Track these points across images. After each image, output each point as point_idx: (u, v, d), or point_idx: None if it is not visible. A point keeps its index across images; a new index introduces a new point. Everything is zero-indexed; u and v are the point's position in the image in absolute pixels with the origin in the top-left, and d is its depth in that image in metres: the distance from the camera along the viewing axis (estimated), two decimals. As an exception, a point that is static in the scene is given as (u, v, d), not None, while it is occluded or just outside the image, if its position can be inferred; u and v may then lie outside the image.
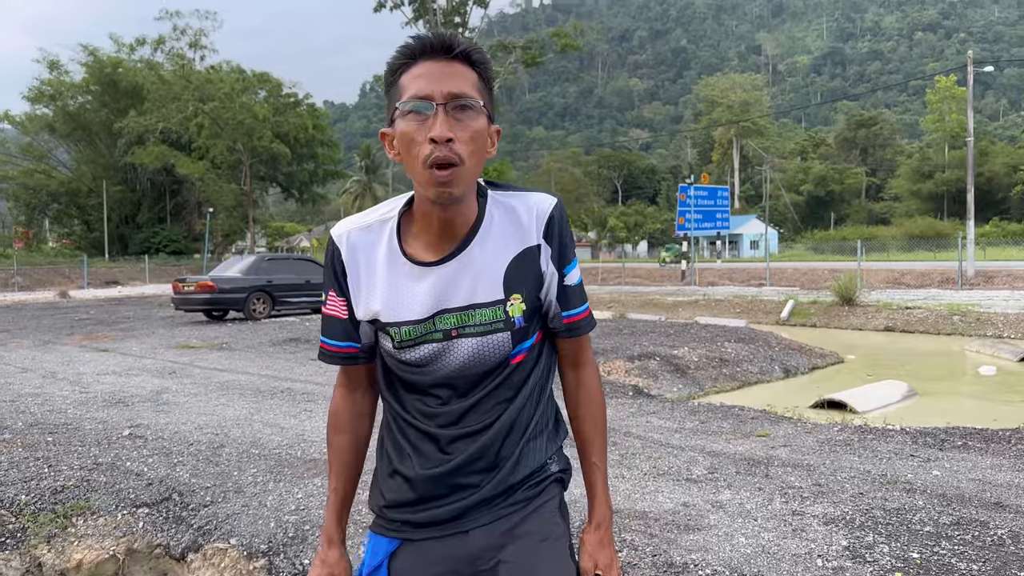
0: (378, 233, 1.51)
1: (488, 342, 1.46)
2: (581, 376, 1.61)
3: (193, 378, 9.53)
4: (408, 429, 1.53)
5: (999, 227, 62.46)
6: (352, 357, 1.58)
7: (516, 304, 1.47)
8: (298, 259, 21.17)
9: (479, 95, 1.40)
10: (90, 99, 57.07)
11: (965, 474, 4.88)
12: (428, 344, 1.47)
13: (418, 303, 1.46)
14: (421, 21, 40.45)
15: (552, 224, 1.48)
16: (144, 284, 39.13)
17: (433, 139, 1.34)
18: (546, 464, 1.56)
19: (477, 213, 1.47)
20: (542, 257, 1.48)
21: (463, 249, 1.45)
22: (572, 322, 1.55)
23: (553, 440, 1.59)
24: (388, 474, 1.58)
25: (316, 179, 62.02)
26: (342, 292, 1.53)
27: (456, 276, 1.45)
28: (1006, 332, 14.73)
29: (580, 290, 1.56)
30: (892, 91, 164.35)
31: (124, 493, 4.75)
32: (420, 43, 1.39)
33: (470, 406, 1.49)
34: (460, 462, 1.48)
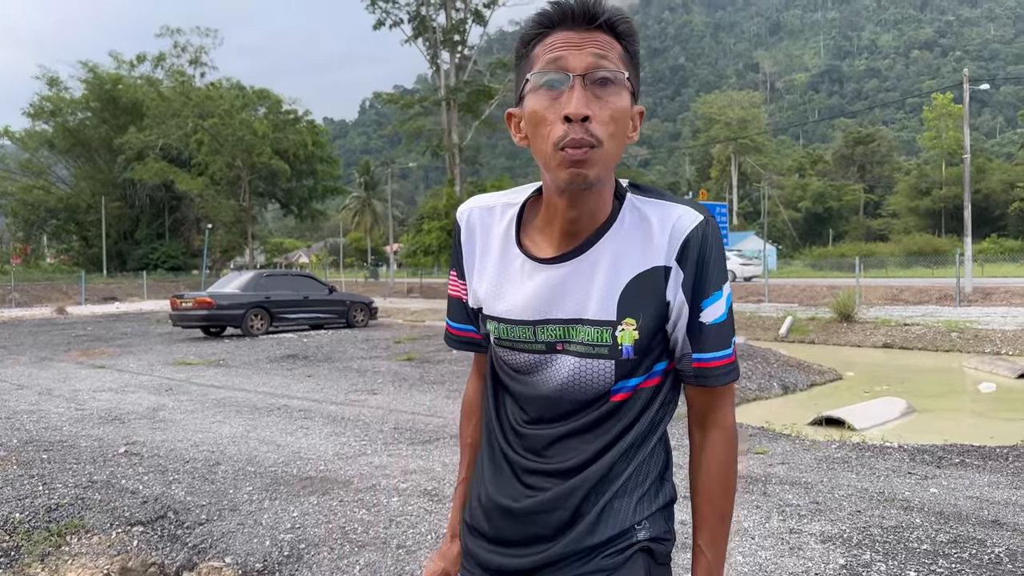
0: (500, 216, 1.37)
1: (586, 367, 1.26)
2: (707, 440, 1.32)
3: (190, 395, 9.51)
4: (494, 441, 1.38)
5: (997, 244, 62.54)
6: (474, 343, 1.46)
7: (628, 331, 1.24)
8: (296, 275, 21.19)
9: (624, 67, 1.21)
10: (90, 115, 57.27)
11: (962, 492, 4.87)
12: (529, 353, 1.30)
13: (521, 301, 1.30)
14: (421, 39, 40.68)
15: (689, 246, 1.23)
16: (142, 300, 39.09)
17: (567, 117, 1.16)
18: (632, 529, 1.29)
19: (608, 215, 1.27)
20: (670, 282, 1.24)
21: (583, 251, 1.26)
22: (701, 368, 1.28)
23: (649, 502, 1.31)
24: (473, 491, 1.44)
25: (315, 195, 62.17)
26: (460, 272, 1.42)
27: (568, 281, 1.26)
28: (1004, 349, 14.72)
29: (721, 331, 1.28)
30: (889, 108, 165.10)
31: (119, 511, 4.73)
32: (559, 9, 1.21)
33: (557, 437, 1.30)
34: (536, 504, 1.29)
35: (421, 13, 40.30)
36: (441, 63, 40.79)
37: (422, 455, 6.07)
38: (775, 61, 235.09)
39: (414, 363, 12.37)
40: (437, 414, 8.05)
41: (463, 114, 40.22)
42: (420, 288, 42.64)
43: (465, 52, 41.27)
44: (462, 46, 40.82)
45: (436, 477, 5.35)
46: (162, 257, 56.35)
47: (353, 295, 21.59)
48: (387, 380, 10.64)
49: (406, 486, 5.12)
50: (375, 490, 5.03)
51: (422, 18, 40.24)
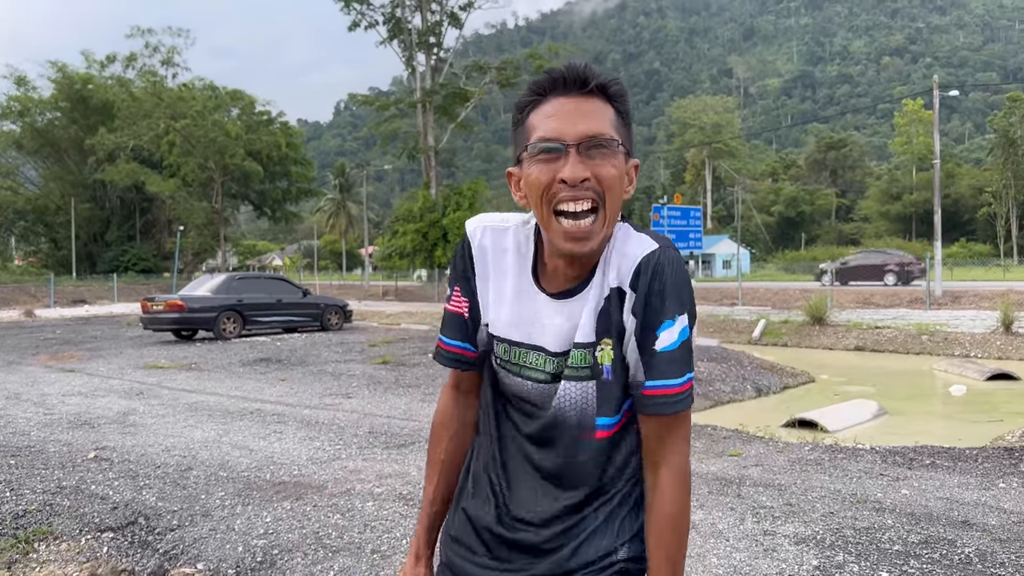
0: (514, 239, 1.40)
1: (571, 389, 1.32)
2: (658, 482, 1.32)
3: (161, 399, 9.39)
4: (485, 460, 1.44)
5: (966, 248, 63.54)
6: (467, 362, 1.47)
7: (606, 350, 1.30)
8: (270, 278, 21.01)
9: (617, 132, 1.27)
10: (59, 115, 56.40)
11: (933, 493, 4.93)
12: (534, 382, 1.36)
13: (538, 331, 1.35)
14: (396, 41, 40.53)
15: (641, 271, 1.27)
16: (112, 303, 38.56)
17: (564, 180, 1.23)
18: (614, 550, 1.34)
19: (604, 252, 1.33)
20: (625, 305, 1.29)
21: (584, 287, 1.32)
22: (649, 395, 1.29)
23: (630, 525, 1.37)
24: (458, 506, 1.49)
25: (289, 197, 61.65)
26: (468, 290, 1.43)
27: (573, 312, 1.32)
28: (973, 351, 14.95)
29: (670, 360, 1.28)
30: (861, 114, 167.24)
31: (88, 517, 4.66)
32: (551, 78, 1.27)
33: (546, 464, 1.37)
34: (522, 537, 1.36)
35: (396, 15, 40.15)
36: (416, 65, 40.67)
37: (397, 459, 6.03)
38: (748, 66, 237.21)
39: (389, 366, 12.31)
40: (412, 418, 8.01)
41: (439, 117, 40.10)
42: (395, 291, 42.48)
43: (441, 54, 41.18)
44: (438, 48, 40.72)
45: (411, 481, 5.32)
46: (133, 259, 55.63)
47: (327, 298, 21.46)
48: (362, 384, 10.58)
49: (381, 490, 5.09)
50: (349, 495, 4.99)
51: (397, 20, 40.08)
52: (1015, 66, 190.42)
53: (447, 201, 37.41)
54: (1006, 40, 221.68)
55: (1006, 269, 47.68)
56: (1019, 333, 15.31)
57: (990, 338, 15.41)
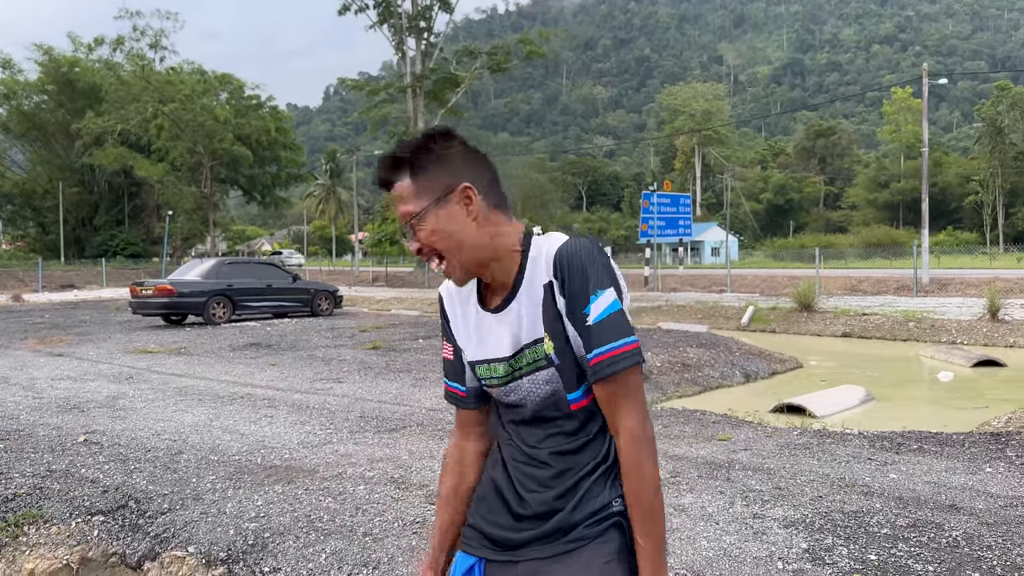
0: (469, 285, 1.64)
1: (537, 378, 1.54)
2: (619, 444, 1.51)
3: (151, 383, 9.36)
4: (500, 451, 1.66)
5: (952, 236, 63.96)
6: (460, 399, 1.72)
7: (547, 342, 1.52)
8: (260, 263, 20.95)
9: (416, 199, 1.51)
10: (46, 99, 55.85)
11: (921, 477, 4.98)
12: (509, 384, 1.58)
13: (492, 344, 1.59)
14: (386, 25, 40.27)
15: (558, 262, 1.49)
16: (101, 288, 38.35)
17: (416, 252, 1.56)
18: (609, 504, 1.53)
19: (520, 261, 1.55)
20: (556, 294, 1.50)
21: (513, 298, 1.55)
22: (596, 363, 1.47)
23: (620, 480, 1.55)
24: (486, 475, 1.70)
25: (279, 182, 61.34)
26: (448, 337, 1.70)
27: (517, 320, 1.54)
28: (959, 338, 15.06)
29: (609, 326, 1.46)
30: (850, 102, 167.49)
31: (78, 501, 4.65)
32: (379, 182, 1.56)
33: (540, 442, 1.57)
34: (531, 497, 1.56)
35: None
36: (407, 50, 40.43)
37: (388, 443, 6.04)
38: (739, 54, 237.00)
39: (380, 351, 12.30)
40: (403, 402, 8.02)
41: (429, 102, 39.92)
42: (386, 277, 42.41)
43: (431, 39, 40.96)
44: (428, 33, 40.49)
45: (403, 465, 5.33)
46: (121, 244, 55.30)
47: (318, 283, 21.42)
48: (352, 368, 10.57)
49: (372, 474, 5.10)
50: (341, 478, 5.00)
51: (387, 4, 39.79)
52: (1003, 55, 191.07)
53: (437, 187, 37.23)
54: (995, 29, 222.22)
55: (992, 257, 48.03)
56: (1005, 320, 15.43)
57: (976, 325, 15.53)
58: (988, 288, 17.31)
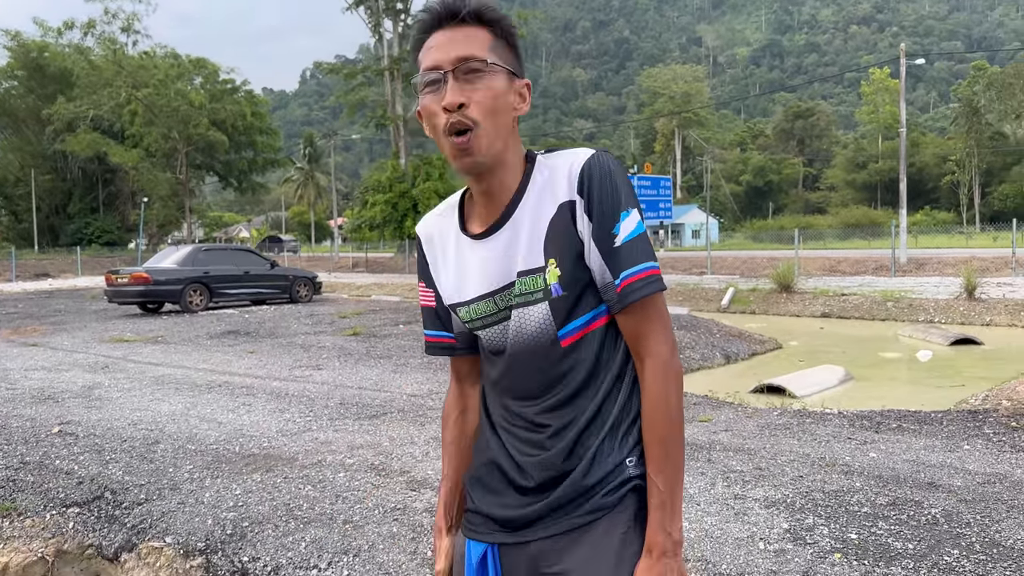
0: (449, 216, 1.50)
1: (526, 314, 1.38)
2: (644, 372, 1.38)
3: (127, 373, 9.25)
4: (493, 419, 1.50)
5: (930, 216, 64.53)
6: (450, 347, 1.57)
7: (552, 269, 1.36)
8: (237, 249, 20.74)
9: (492, 53, 1.35)
10: (15, 84, 54.86)
11: (900, 455, 5.00)
12: (495, 325, 1.43)
13: (475, 279, 1.43)
14: (362, 7, 39.83)
15: (585, 175, 1.34)
16: (76, 276, 37.89)
17: (445, 107, 1.32)
18: (623, 464, 1.39)
19: (521, 180, 1.40)
20: (577, 213, 1.35)
21: (507, 218, 1.39)
22: (625, 285, 1.34)
23: (632, 436, 1.41)
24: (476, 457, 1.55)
25: (255, 167, 60.71)
26: (428, 282, 1.54)
27: (507, 248, 1.39)
28: (936, 317, 15.21)
29: (636, 246, 1.35)
30: (828, 83, 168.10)
31: (53, 492, 4.58)
32: (430, 15, 1.37)
33: (534, 395, 1.42)
34: (533, 464, 1.41)
35: (363, -20, 39.46)
36: (384, 32, 40.05)
37: (369, 430, 6.00)
38: (718, 35, 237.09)
39: (360, 338, 12.23)
40: (384, 388, 7.97)
41: (407, 85, 39.58)
42: (366, 263, 42.21)
43: (408, 21, 40.55)
44: (405, 15, 40.08)
45: (383, 452, 5.29)
46: (96, 232, 54.61)
47: (296, 270, 21.25)
48: (332, 355, 10.50)
49: (352, 461, 5.05)
50: (321, 466, 4.95)
51: (364, -14, 39.39)
52: (979, 35, 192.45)
53: (416, 171, 37.07)
54: (971, 9, 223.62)
55: (969, 236, 48.53)
56: (981, 299, 15.59)
57: (953, 304, 15.68)
58: (965, 267, 17.48)
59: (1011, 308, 14.91)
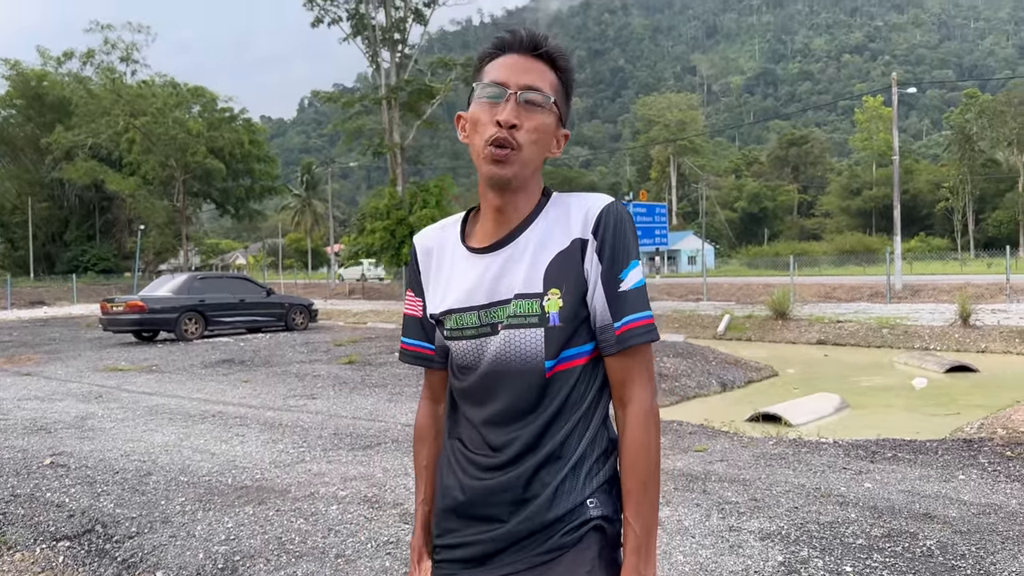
0: (451, 230, 1.55)
1: (518, 336, 1.40)
2: (627, 417, 1.41)
3: (120, 402, 9.21)
4: (454, 444, 1.50)
5: (924, 242, 64.81)
6: (427, 359, 1.58)
7: (554, 299, 1.39)
8: (233, 277, 20.73)
9: (554, 94, 1.43)
10: (14, 113, 55.13)
11: (895, 486, 4.99)
12: (475, 339, 1.44)
13: (467, 289, 1.45)
14: (360, 37, 40.18)
15: (602, 220, 1.41)
16: (72, 304, 37.80)
17: (499, 122, 1.38)
18: (584, 505, 1.39)
19: (535, 208, 1.47)
20: (587, 253, 1.40)
21: (514, 238, 1.44)
22: (626, 330, 1.39)
23: (595, 477, 1.42)
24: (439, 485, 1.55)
25: (252, 195, 60.84)
26: (417, 291, 1.57)
27: (504, 266, 1.43)
28: (932, 344, 15.21)
29: (641, 296, 1.42)
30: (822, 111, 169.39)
31: (44, 526, 4.54)
32: (512, 37, 1.44)
33: (502, 421, 1.42)
34: (486, 488, 1.41)
35: (360, 11, 39.82)
36: (381, 62, 40.32)
37: (363, 461, 5.97)
38: (712, 64, 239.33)
39: (355, 366, 12.20)
40: (378, 418, 7.94)
41: (404, 113, 39.78)
42: (362, 289, 42.18)
43: (406, 51, 40.87)
44: (402, 45, 40.39)
45: (377, 483, 5.26)
46: (93, 259, 54.59)
47: (292, 297, 21.24)
48: (327, 384, 10.47)
49: (345, 493, 5.02)
50: (313, 498, 4.92)
51: (361, 16, 39.74)
52: (971, 63, 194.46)
53: (414, 198, 37.17)
54: (961, 38, 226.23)
55: (963, 263, 48.72)
56: (976, 326, 15.61)
57: (949, 331, 15.69)
58: (959, 294, 17.52)
59: (1006, 335, 14.93)
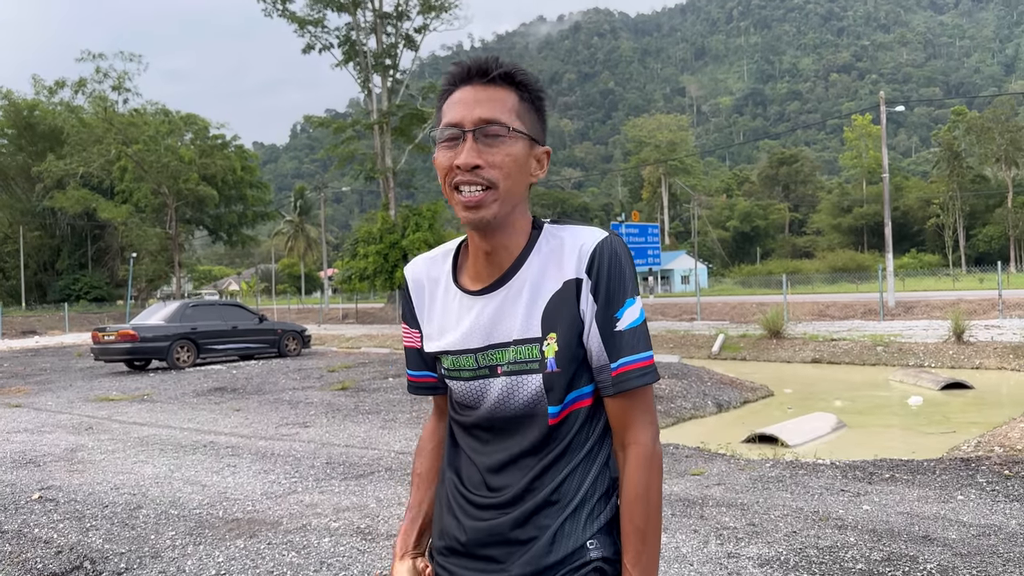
0: (441, 264, 1.48)
1: (518, 383, 1.35)
2: (627, 459, 1.36)
3: (111, 433, 9.11)
4: (450, 482, 1.47)
5: (916, 258, 65.11)
6: (432, 387, 1.55)
7: (551, 344, 1.33)
8: (225, 304, 20.62)
9: (516, 118, 1.33)
10: (5, 143, 55.19)
11: (894, 507, 4.94)
12: (473, 380, 1.39)
13: (462, 333, 1.40)
14: (351, 63, 40.39)
15: (595, 259, 1.33)
16: (64, 333, 37.60)
17: (458, 166, 1.30)
18: (584, 547, 1.35)
19: (526, 245, 1.39)
20: (582, 293, 1.34)
21: (507, 279, 1.37)
22: (621, 372, 1.33)
23: (596, 519, 1.37)
24: (437, 523, 1.51)
25: (245, 221, 60.90)
26: (412, 323, 1.52)
27: (500, 308, 1.37)
28: (926, 361, 15.20)
29: (639, 335, 1.35)
30: (811, 130, 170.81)
31: (31, 563, 4.46)
32: (459, 69, 1.36)
33: (503, 464, 1.38)
34: (487, 528, 1.37)
35: (351, 38, 40.08)
36: (373, 87, 40.52)
37: (355, 491, 5.89)
38: (701, 85, 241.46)
39: (348, 392, 12.12)
40: (372, 446, 7.87)
41: (396, 138, 39.93)
42: (356, 314, 42.09)
43: (397, 76, 41.09)
44: (394, 70, 40.61)
45: (370, 514, 5.19)
46: (85, 288, 54.42)
47: (285, 323, 21.15)
48: (320, 411, 10.39)
49: (338, 525, 4.95)
50: (305, 530, 4.85)
51: (352, 43, 39.99)
52: (957, 81, 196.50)
53: (406, 222, 37.23)
54: (947, 56, 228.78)
55: (955, 279, 48.88)
56: (970, 342, 15.62)
57: (943, 347, 15.70)
58: (952, 310, 17.55)
59: (1000, 351, 14.94)
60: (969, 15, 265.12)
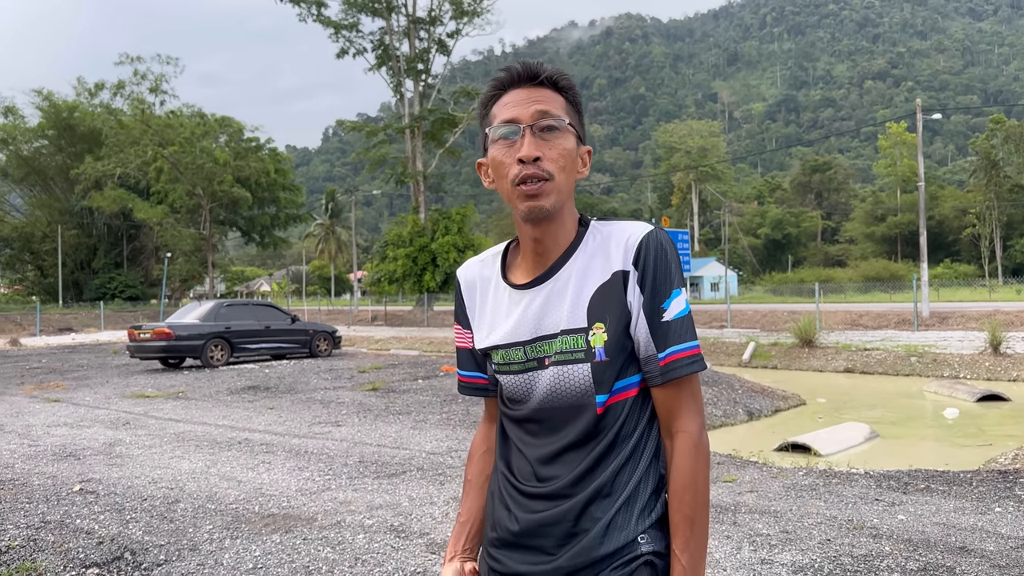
0: (492, 264, 1.54)
1: (566, 373, 1.39)
2: (674, 448, 1.40)
3: (148, 429, 9.27)
4: (502, 473, 1.50)
5: (951, 268, 64.02)
6: (483, 388, 1.59)
7: (599, 334, 1.37)
8: (258, 304, 20.87)
9: (566, 115, 1.42)
10: (46, 143, 56.32)
11: (929, 518, 4.89)
12: (523, 373, 1.43)
13: (511, 326, 1.45)
14: (384, 67, 40.72)
15: (642, 249, 1.38)
16: (99, 331, 38.26)
17: (521, 159, 1.36)
18: (636, 541, 1.36)
19: (573, 239, 1.44)
20: (629, 285, 1.38)
21: (554, 272, 1.43)
22: (669, 362, 1.37)
23: (648, 515, 1.39)
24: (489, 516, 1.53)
25: (278, 223, 61.60)
26: (465, 324, 1.57)
27: (547, 301, 1.42)
28: (962, 373, 14.98)
29: (684, 324, 1.39)
30: (845, 137, 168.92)
31: (73, 553, 4.56)
32: (508, 74, 1.44)
33: (553, 455, 1.41)
34: (538, 520, 1.39)
35: (384, 42, 40.44)
36: (405, 91, 40.85)
37: (388, 489, 5.95)
38: (733, 91, 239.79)
39: (379, 393, 12.22)
40: (403, 446, 7.93)
41: (427, 142, 40.23)
42: (385, 316, 42.34)
43: (429, 81, 41.39)
44: (426, 75, 40.91)
45: (403, 512, 5.25)
46: (120, 287, 55.32)
47: (316, 324, 21.35)
48: (351, 411, 10.49)
49: (372, 522, 5.01)
50: (340, 527, 4.91)
51: (385, 47, 40.34)
52: (995, 89, 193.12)
53: (436, 226, 37.44)
54: (986, 64, 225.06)
55: (991, 289, 48.02)
56: (1007, 354, 15.37)
57: (979, 359, 15.45)
58: (989, 321, 17.27)
59: (1038, 363, 14.67)
60: (1008, 22, 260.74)
